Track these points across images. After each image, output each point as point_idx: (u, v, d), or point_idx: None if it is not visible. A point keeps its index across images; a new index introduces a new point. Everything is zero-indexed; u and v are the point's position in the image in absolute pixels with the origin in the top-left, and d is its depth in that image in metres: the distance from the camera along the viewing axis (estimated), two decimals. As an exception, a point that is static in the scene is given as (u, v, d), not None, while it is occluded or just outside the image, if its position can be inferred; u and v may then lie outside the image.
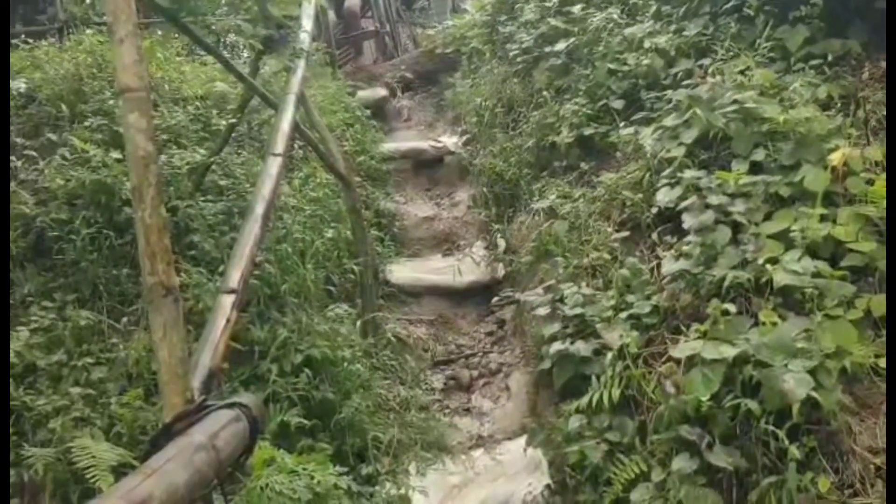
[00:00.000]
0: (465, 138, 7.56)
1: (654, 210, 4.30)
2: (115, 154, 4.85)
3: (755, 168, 4.01)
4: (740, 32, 5.00)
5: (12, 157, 5.14)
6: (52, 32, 8.69)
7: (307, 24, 5.45)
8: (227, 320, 2.67)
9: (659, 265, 4.03)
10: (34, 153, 5.22)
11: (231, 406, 1.98)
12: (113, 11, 2.02)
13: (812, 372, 2.95)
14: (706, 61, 4.96)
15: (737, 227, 3.74)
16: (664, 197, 4.17)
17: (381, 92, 9.30)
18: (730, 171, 4.02)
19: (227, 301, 2.74)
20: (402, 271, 6.28)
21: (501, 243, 5.94)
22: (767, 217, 3.75)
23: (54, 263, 4.66)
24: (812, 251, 3.46)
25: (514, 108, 6.53)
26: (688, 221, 3.85)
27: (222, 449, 1.79)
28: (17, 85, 5.80)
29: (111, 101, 5.41)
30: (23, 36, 8.38)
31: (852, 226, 3.48)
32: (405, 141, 8.34)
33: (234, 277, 2.92)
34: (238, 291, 2.86)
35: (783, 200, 3.80)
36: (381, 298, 5.69)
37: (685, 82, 4.83)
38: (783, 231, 3.58)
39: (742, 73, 4.51)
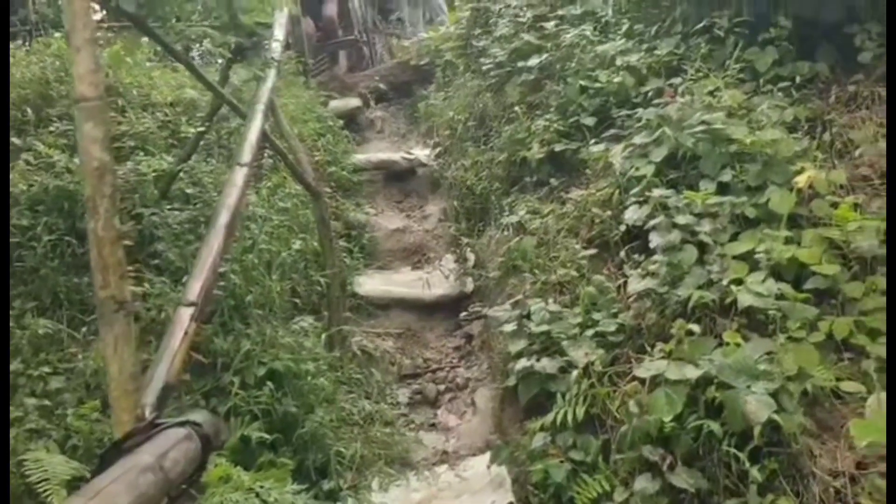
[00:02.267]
0: (437, 151, 7.55)
1: (623, 228, 4.29)
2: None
3: (722, 188, 4.02)
4: (711, 53, 5.02)
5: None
6: (22, 34, 8.58)
7: (279, 33, 5.41)
8: (186, 333, 2.61)
9: (626, 283, 4.02)
10: (-3, 157, 5.13)
11: (183, 424, 1.94)
12: (70, 19, 1.99)
13: (774, 394, 2.95)
14: (677, 80, 4.97)
15: (703, 248, 3.74)
16: (632, 215, 4.17)
17: (355, 102, 9.28)
18: (698, 190, 4.03)
19: (186, 314, 2.69)
20: (371, 283, 6.24)
21: (471, 257, 5.92)
22: (733, 238, 3.76)
23: (14, 270, 4.57)
24: (776, 273, 3.47)
25: (486, 122, 6.53)
26: (655, 241, 3.85)
27: (171, 469, 1.75)
28: (-18, 87, 5.69)
29: (77, 107, 5.33)
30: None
31: (816, 248, 3.50)
32: (377, 152, 8.31)
33: (195, 289, 2.87)
34: (198, 304, 2.81)
35: (749, 221, 3.81)
36: (348, 310, 5.63)
37: (655, 101, 4.85)
38: (748, 252, 3.59)
39: (711, 93, 4.53)
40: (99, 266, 1.93)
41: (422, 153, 7.86)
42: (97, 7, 5.02)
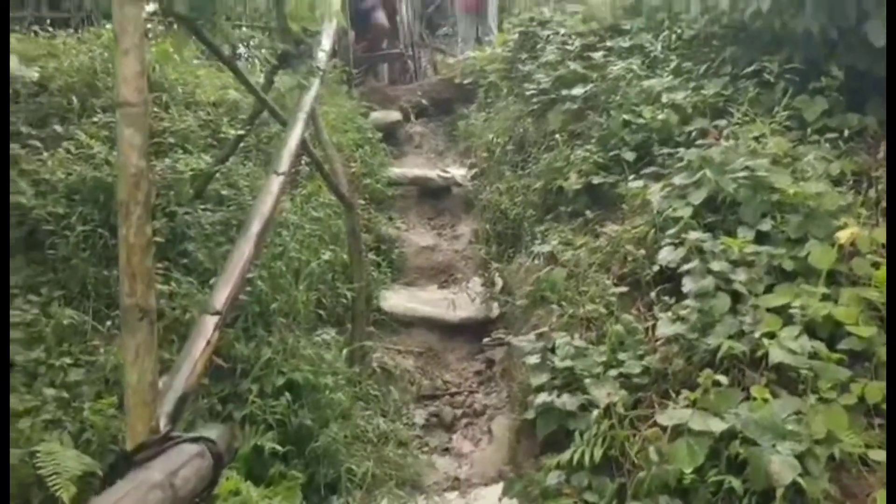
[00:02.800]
0: (473, 171, 7.52)
1: (656, 268, 4.22)
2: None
3: (761, 237, 3.95)
4: (759, 97, 4.96)
5: (14, 146, 5.11)
6: (74, 21, 8.70)
7: (326, 43, 5.41)
8: (208, 342, 2.59)
9: (654, 326, 3.95)
10: (38, 143, 5.19)
11: (196, 440, 1.91)
12: (120, 21, 1.98)
13: (800, 456, 2.87)
14: (722, 122, 4.92)
15: (737, 297, 3.66)
16: (666, 256, 4.10)
17: (395, 115, 9.27)
18: (735, 237, 3.97)
19: (210, 323, 2.66)
20: (396, 299, 6.21)
21: (499, 282, 5.87)
22: (769, 289, 3.68)
23: (45, 257, 4.60)
24: (811, 329, 3.39)
25: (525, 148, 6.49)
26: (688, 285, 3.78)
27: (181, 487, 1.72)
28: (31, 73, 5.77)
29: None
30: (48, 21, 8.39)
31: (853, 308, 3.41)
32: (414, 167, 8.29)
33: (221, 298, 2.84)
34: (223, 313, 2.78)
35: (786, 274, 3.73)
36: (371, 325, 5.61)
37: (699, 142, 4.78)
38: (783, 306, 3.50)
39: (757, 139, 4.47)
40: (127, 272, 1.91)
41: (458, 172, 7.84)
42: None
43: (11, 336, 4.03)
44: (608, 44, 6.37)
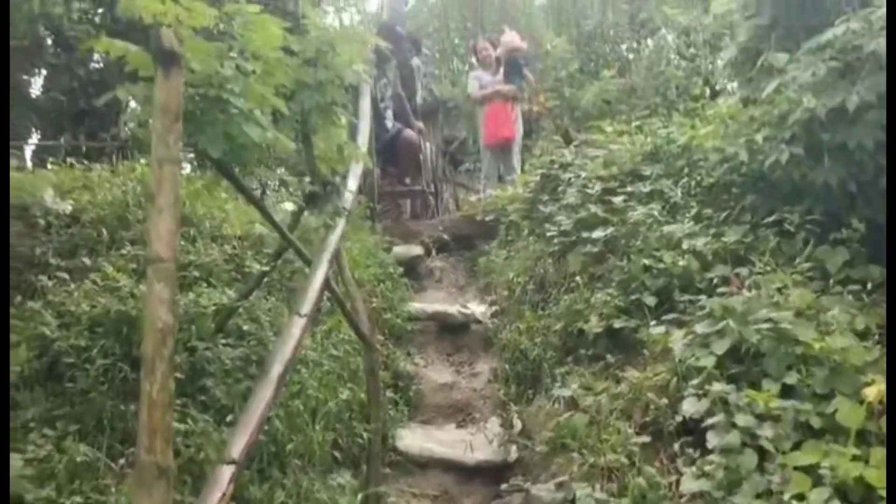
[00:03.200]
0: (493, 309, 7.51)
1: (679, 418, 4.14)
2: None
3: (786, 391, 3.88)
4: (780, 246, 4.99)
5: (42, 277, 5.21)
6: (111, 151, 8.98)
7: (352, 184, 5.55)
8: (223, 495, 2.54)
9: (678, 480, 3.84)
10: (66, 275, 5.28)
11: None
12: (157, 181, 2.05)
13: None
14: (743, 270, 4.92)
15: (763, 453, 3.58)
16: (690, 407, 4.03)
17: (417, 250, 9.34)
18: (760, 389, 3.90)
19: (227, 473, 2.62)
20: (412, 438, 6.08)
21: (517, 424, 5.75)
22: (796, 446, 3.59)
23: (64, 390, 4.61)
24: (841, 492, 3.28)
25: (545, 288, 6.50)
26: (712, 440, 3.70)
27: None
28: (65, 206, 5.94)
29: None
30: (83, 149, 8.68)
31: (885, 470, 3.31)
32: (434, 302, 8.28)
33: (238, 446, 2.80)
34: (239, 462, 2.74)
35: (813, 431, 3.64)
36: (386, 465, 5.49)
37: (720, 289, 4.78)
38: (812, 465, 3.41)
39: (779, 290, 4.46)
40: (147, 429, 1.90)
41: (478, 309, 7.81)
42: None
43: (24, 473, 3.98)
44: (628, 188, 6.46)
